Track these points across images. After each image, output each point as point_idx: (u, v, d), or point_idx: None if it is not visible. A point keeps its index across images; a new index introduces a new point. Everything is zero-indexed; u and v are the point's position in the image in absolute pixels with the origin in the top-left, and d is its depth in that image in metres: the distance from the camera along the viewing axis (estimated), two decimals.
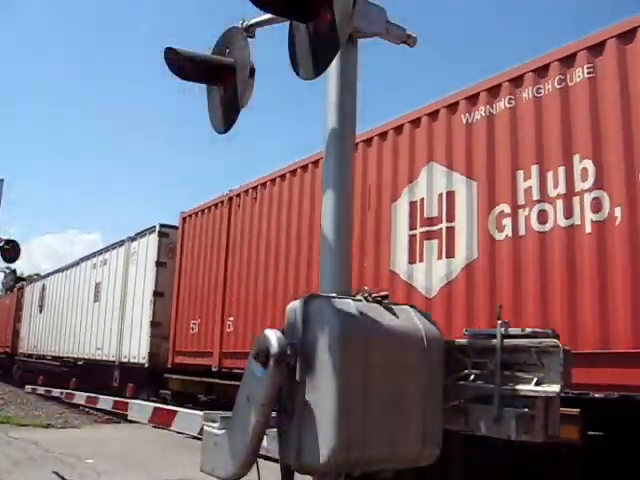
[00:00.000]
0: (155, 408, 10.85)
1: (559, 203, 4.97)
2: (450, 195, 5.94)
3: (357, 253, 6.47)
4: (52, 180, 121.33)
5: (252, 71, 3.26)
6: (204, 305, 10.20)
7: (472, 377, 2.76)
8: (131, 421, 11.45)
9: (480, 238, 5.56)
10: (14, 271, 22.86)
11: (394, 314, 2.66)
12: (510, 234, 5.31)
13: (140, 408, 11.34)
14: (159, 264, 11.35)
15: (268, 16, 3.20)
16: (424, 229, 6.12)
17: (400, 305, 2.78)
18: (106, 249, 14.27)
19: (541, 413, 2.53)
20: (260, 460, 2.56)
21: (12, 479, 6.32)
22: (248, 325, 8.83)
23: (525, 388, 2.52)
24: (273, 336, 2.44)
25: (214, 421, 2.71)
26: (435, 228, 6.01)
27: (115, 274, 13.24)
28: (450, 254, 5.81)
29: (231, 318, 9.24)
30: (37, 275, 30.41)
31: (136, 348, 11.82)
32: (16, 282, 23.54)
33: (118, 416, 12.19)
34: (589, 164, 4.82)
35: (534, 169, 5.22)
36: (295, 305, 2.56)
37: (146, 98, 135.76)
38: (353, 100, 2.99)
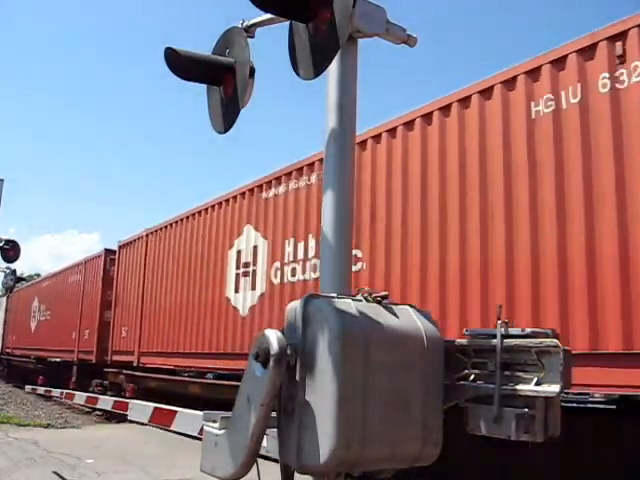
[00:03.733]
0: (155, 408, 10.86)
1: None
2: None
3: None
4: (52, 180, 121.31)
5: (252, 71, 3.26)
6: (8, 331, 25.86)
7: (472, 377, 2.76)
8: (131, 421, 11.45)
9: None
10: (14, 271, 22.78)
11: (394, 314, 2.65)
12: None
13: (140, 408, 11.36)
14: (6, 310, 26.81)
15: (268, 16, 3.20)
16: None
17: (400, 305, 2.78)
18: None
19: (541, 413, 2.53)
20: (260, 460, 2.56)
21: (12, 479, 6.32)
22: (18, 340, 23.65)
23: (525, 388, 2.52)
24: (273, 336, 2.43)
25: (214, 421, 2.71)
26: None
27: None
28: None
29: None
30: (37, 275, 30.72)
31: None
32: (16, 282, 23.56)
33: (118, 416, 12.19)
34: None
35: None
36: (295, 305, 2.55)
37: (150, 97, 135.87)
38: (353, 100, 2.98)
